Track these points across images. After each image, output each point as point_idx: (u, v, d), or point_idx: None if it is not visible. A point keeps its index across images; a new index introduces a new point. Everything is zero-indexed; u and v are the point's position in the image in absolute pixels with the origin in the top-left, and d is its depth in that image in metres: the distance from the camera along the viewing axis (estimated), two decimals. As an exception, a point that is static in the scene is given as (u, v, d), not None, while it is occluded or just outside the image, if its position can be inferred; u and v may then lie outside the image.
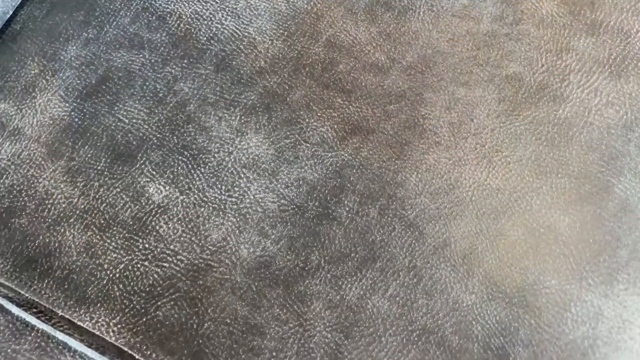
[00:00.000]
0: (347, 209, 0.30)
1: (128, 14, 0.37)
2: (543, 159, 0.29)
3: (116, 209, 0.33)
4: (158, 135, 0.33)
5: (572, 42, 0.31)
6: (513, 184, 0.29)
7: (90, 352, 0.31)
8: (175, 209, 0.32)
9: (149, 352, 0.30)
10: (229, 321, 0.30)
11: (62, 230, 0.33)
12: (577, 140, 0.30)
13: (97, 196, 0.33)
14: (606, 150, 0.29)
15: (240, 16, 0.35)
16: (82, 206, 0.33)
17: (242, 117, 0.33)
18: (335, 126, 0.32)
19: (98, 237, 0.32)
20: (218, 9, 0.36)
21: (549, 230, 0.28)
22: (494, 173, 0.30)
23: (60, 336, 0.31)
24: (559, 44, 0.31)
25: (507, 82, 0.31)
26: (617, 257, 0.27)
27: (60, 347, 0.31)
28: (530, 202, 0.29)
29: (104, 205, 0.33)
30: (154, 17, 0.36)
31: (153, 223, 0.32)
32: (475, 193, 0.29)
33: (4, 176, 0.34)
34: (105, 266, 0.32)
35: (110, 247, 0.32)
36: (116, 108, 0.35)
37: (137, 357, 0.31)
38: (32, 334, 0.31)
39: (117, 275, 0.31)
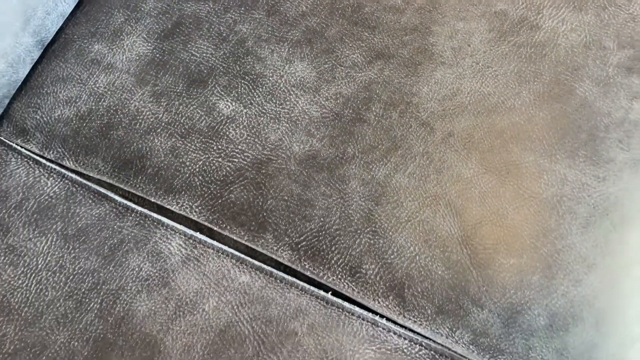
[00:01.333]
0: (374, 114, 0.40)
1: (194, -26, 0.46)
2: (523, 72, 0.39)
3: (193, 120, 0.42)
4: (224, 65, 0.43)
5: (546, -13, 0.41)
6: (501, 90, 0.39)
7: (178, 226, 0.40)
8: (240, 119, 0.41)
9: (224, 225, 0.40)
10: (286, 198, 0.39)
11: (152, 138, 0.42)
12: (548, 57, 0.39)
13: (177, 112, 0.42)
14: (570, 64, 0.38)
15: (285, -27, 0.45)
16: (166, 120, 0.42)
17: (290, 49, 0.42)
18: (364, 53, 0.41)
19: (180, 142, 0.42)
20: (266, -32, 0.45)
21: (528, 121, 0.38)
22: (486, 83, 0.39)
23: (155, 215, 0.40)
24: (535, -12, 0.41)
25: (496, 16, 0.41)
26: (578, 139, 0.37)
27: (155, 223, 0.40)
28: (513, 102, 0.38)
29: (183, 118, 0.42)
30: (215, -24, 0.46)
31: (224, 130, 0.41)
32: (472, 98, 0.39)
33: (102, 99, 0.43)
34: (187, 163, 0.41)
35: (191, 149, 0.41)
36: (189, 46, 0.44)
37: (215, 229, 0.40)
38: (132, 215, 0.40)
39: (197, 169, 0.41)
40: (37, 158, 0.43)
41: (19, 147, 0.44)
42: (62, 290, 0.37)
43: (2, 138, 0.44)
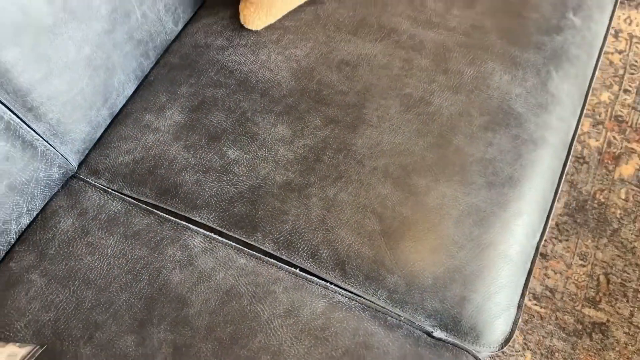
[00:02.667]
0: (328, 156, 0.62)
1: (213, 69, 0.70)
2: (420, 130, 0.61)
3: (211, 162, 0.64)
4: (232, 128, 0.65)
5: None
6: (406, 141, 0.61)
7: (199, 229, 0.60)
8: (242, 161, 0.63)
9: (230, 228, 0.60)
10: (270, 210, 0.60)
11: (183, 174, 0.64)
12: (436, 121, 0.62)
13: (200, 157, 0.64)
14: (450, 125, 0.61)
15: (273, 70, 0.69)
16: (193, 162, 0.64)
17: (275, 117, 0.65)
18: (322, 120, 0.64)
19: (202, 176, 0.63)
20: (260, 67, 0.69)
21: (422, 160, 0.60)
22: (397, 137, 0.61)
23: (184, 223, 0.61)
24: None
25: (404, 96, 0.64)
26: (453, 170, 0.59)
27: (184, 227, 0.60)
28: (414, 149, 0.60)
29: (204, 161, 0.64)
30: (227, 72, 0.70)
31: (231, 168, 0.63)
32: (388, 146, 0.61)
33: (151, 150, 0.66)
34: (206, 190, 0.62)
35: (209, 181, 0.63)
36: (209, 115, 0.67)
37: (223, 231, 0.60)
38: (169, 223, 0.61)
39: (213, 194, 0.62)
40: (106, 188, 0.64)
41: (92, 182, 0.65)
42: (124, 268, 0.57)
43: (82, 177, 0.66)
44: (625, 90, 1.21)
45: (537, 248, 0.60)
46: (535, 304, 0.99)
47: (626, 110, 1.18)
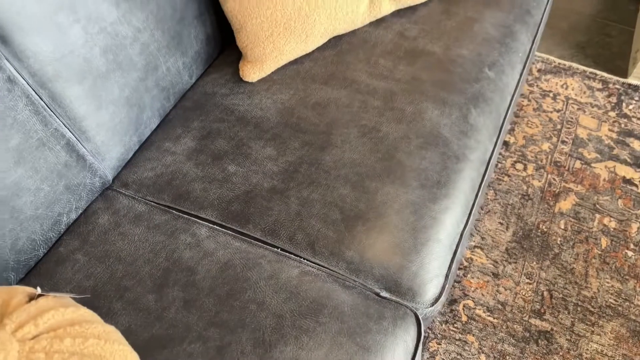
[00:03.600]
0: (303, 169, 0.82)
1: (217, 110, 0.92)
2: (373, 150, 0.82)
3: (215, 175, 0.84)
4: (232, 150, 0.86)
5: (386, 114, 0.87)
6: (360, 158, 0.82)
7: (205, 223, 0.79)
8: (238, 173, 0.83)
9: (228, 222, 0.79)
10: (259, 207, 0.79)
11: (193, 184, 0.83)
12: (384, 144, 0.83)
13: (207, 172, 0.84)
14: (393, 146, 0.82)
15: (263, 110, 0.91)
16: (201, 175, 0.84)
17: (264, 142, 0.86)
18: (299, 143, 0.85)
19: (208, 185, 0.83)
20: (253, 107, 0.91)
21: (372, 170, 0.80)
22: (355, 155, 0.82)
23: (193, 218, 0.80)
24: (381, 115, 0.87)
25: (361, 126, 0.85)
26: (398, 178, 0.79)
27: (193, 221, 0.79)
28: (368, 163, 0.81)
29: (210, 175, 0.84)
30: (228, 111, 0.92)
31: (230, 178, 0.83)
32: (349, 161, 0.81)
33: (169, 167, 0.86)
34: (211, 195, 0.82)
35: (213, 188, 0.82)
36: (214, 142, 0.88)
37: (223, 224, 0.79)
38: (181, 218, 0.80)
39: (216, 197, 0.81)
40: (133, 196, 0.84)
41: (123, 192, 0.85)
42: (147, 249, 0.76)
43: (115, 188, 0.85)
44: (563, 141, 1.44)
45: (461, 234, 0.78)
46: (489, 315, 1.15)
47: (564, 157, 1.41)
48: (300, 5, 0.89)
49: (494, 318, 1.15)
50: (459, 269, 1.21)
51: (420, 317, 0.70)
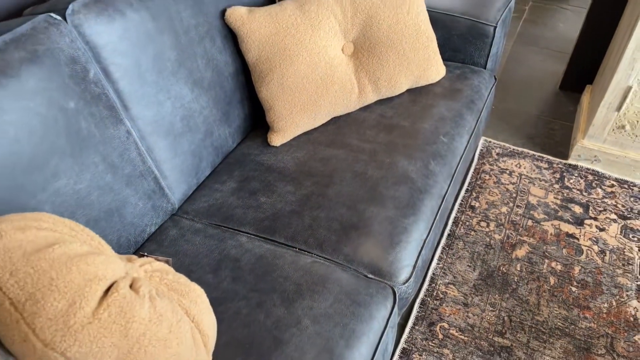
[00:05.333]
0: (314, 198, 1.17)
1: (252, 164, 1.29)
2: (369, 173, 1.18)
3: (250, 205, 1.18)
4: (262, 188, 1.22)
5: (371, 164, 1.24)
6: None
7: (244, 234, 1.12)
8: (268, 202, 1.18)
9: (260, 232, 1.12)
10: (283, 222, 1.13)
11: (236, 209, 1.17)
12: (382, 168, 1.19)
13: (244, 202, 1.19)
14: (392, 173, 1.18)
15: (285, 163, 1.28)
16: (240, 204, 1.18)
17: (285, 182, 1.22)
18: (314, 184, 1.21)
19: (245, 210, 1.17)
20: (277, 162, 1.29)
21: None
22: (356, 184, 1.18)
23: (236, 231, 1.13)
24: (368, 165, 1.24)
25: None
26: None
27: (235, 233, 1.13)
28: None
29: (247, 204, 1.18)
30: (259, 165, 1.29)
31: (261, 206, 1.17)
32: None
33: (216, 200, 1.21)
34: (248, 216, 1.16)
35: (249, 212, 1.17)
36: (250, 184, 1.24)
37: (257, 234, 1.12)
38: (228, 232, 1.13)
39: (251, 218, 1.15)
40: (192, 219, 1.18)
41: (184, 217, 1.19)
42: (205, 250, 1.08)
43: (179, 214, 1.20)
44: (517, 206, 1.80)
45: (425, 240, 1.11)
46: (461, 334, 1.42)
47: (518, 218, 1.76)
48: (311, 94, 1.31)
49: (464, 336, 1.41)
50: (435, 299, 1.50)
51: (395, 290, 1.01)
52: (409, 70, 1.40)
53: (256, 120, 1.44)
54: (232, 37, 1.29)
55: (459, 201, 1.80)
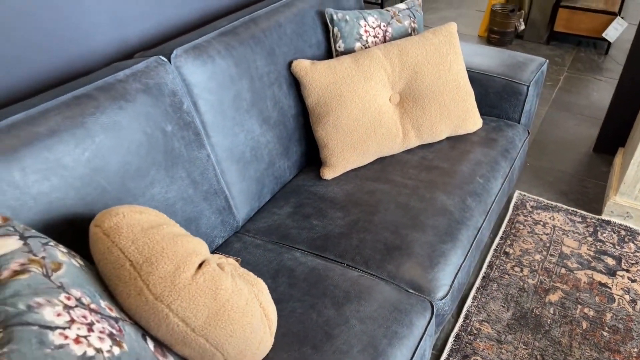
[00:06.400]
0: (361, 222, 1.32)
1: (306, 194, 1.46)
2: (415, 201, 1.32)
3: (305, 226, 1.34)
4: (314, 213, 1.37)
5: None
6: (412, 204, 1.31)
7: (299, 250, 1.27)
8: (319, 225, 1.33)
9: (311, 250, 1.27)
10: (333, 242, 1.27)
11: (291, 230, 1.33)
12: (426, 196, 1.33)
13: (300, 224, 1.34)
14: (433, 206, 1.32)
15: (335, 194, 1.44)
16: (295, 225, 1.34)
17: (335, 210, 1.38)
18: (361, 212, 1.36)
19: (299, 231, 1.32)
20: (328, 192, 1.45)
21: (424, 213, 1.29)
22: (399, 211, 1.32)
23: (291, 247, 1.28)
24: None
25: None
26: (437, 223, 1.27)
27: (291, 249, 1.28)
28: (414, 206, 1.30)
29: (302, 226, 1.34)
30: (312, 194, 1.45)
31: (314, 227, 1.33)
32: (393, 216, 1.31)
33: (276, 221, 1.37)
34: (302, 237, 1.31)
35: (303, 233, 1.32)
36: (304, 209, 1.40)
37: (309, 250, 1.27)
38: (283, 247, 1.28)
39: (304, 237, 1.31)
40: (253, 236, 1.34)
41: (246, 235, 1.35)
42: (264, 260, 1.23)
43: (241, 232, 1.36)
44: (551, 254, 1.88)
45: (460, 265, 1.23)
46: (494, 368, 1.48)
47: (552, 265, 1.83)
48: (361, 135, 1.49)
49: (497, 370, 1.48)
50: (470, 334, 1.58)
51: (433, 305, 1.12)
52: (449, 120, 1.57)
53: (310, 158, 1.62)
54: (295, 85, 1.50)
55: (493, 247, 1.90)
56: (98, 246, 0.80)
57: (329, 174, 1.51)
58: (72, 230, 0.93)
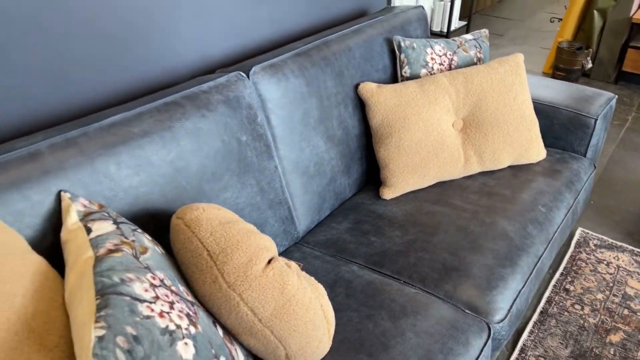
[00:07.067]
0: (421, 242, 1.33)
1: (365, 211, 1.50)
2: (476, 225, 1.33)
3: (368, 243, 1.37)
4: (373, 229, 1.41)
5: (472, 222, 1.40)
6: (471, 227, 1.32)
7: (357, 264, 1.30)
8: (378, 242, 1.36)
9: (373, 265, 1.30)
10: (392, 259, 1.30)
11: (350, 244, 1.37)
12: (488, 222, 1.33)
13: (360, 239, 1.38)
14: (492, 230, 1.33)
15: (394, 213, 1.47)
16: (353, 240, 1.38)
17: (394, 228, 1.40)
18: (419, 232, 1.38)
19: (356, 245, 1.36)
20: (387, 211, 1.48)
21: (485, 235, 1.30)
22: (459, 234, 1.33)
23: (349, 260, 1.31)
24: (469, 222, 1.40)
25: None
26: (498, 246, 1.28)
27: (349, 261, 1.31)
28: (479, 231, 1.31)
29: (364, 241, 1.37)
30: (371, 212, 1.49)
31: (376, 242, 1.36)
32: (454, 237, 1.32)
33: (334, 235, 1.41)
34: (360, 251, 1.34)
35: (362, 248, 1.35)
36: (362, 226, 1.43)
37: (369, 266, 1.29)
38: (341, 260, 1.32)
39: (363, 252, 1.34)
40: (312, 248, 1.38)
41: (305, 246, 1.40)
42: (325, 271, 1.27)
43: (301, 243, 1.41)
44: (614, 295, 1.81)
45: (519, 291, 1.22)
46: (549, 405, 1.43)
47: (614, 306, 1.76)
48: (422, 158, 1.52)
49: (553, 408, 1.42)
50: (525, 368, 1.53)
51: (490, 327, 1.12)
52: (512, 148, 1.58)
53: (370, 177, 1.66)
54: (360, 106, 1.56)
55: (552, 282, 1.85)
56: (179, 236, 0.87)
57: (388, 194, 1.54)
58: (154, 223, 1.01)
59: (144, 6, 1.21)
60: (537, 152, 1.62)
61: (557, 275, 1.89)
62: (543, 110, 1.75)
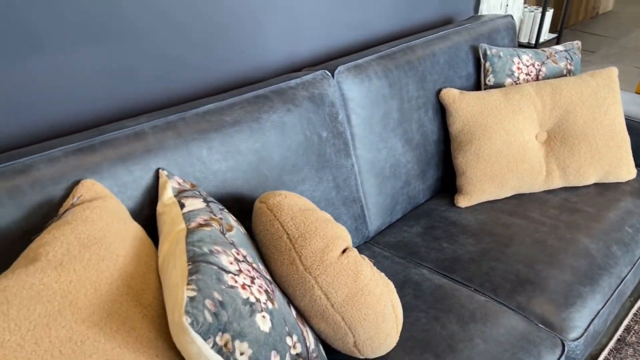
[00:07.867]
0: (485, 255, 1.31)
1: (437, 217, 1.49)
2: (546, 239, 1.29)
3: (435, 248, 1.36)
4: (445, 236, 1.40)
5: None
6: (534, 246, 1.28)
7: (426, 267, 1.30)
8: (448, 249, 1.35)
9: (438, 269, 1.29)
10: (461, 266, 1.28)
11: (420, 248, 1.37)
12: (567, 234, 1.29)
13: (428, 244, 1.38)
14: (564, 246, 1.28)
15: (468, 220, 1.45)
16: (425, 244, 1.37)
17: (467, 236, 1.38)
18: (493, 242, 1.36)
19: (426, 249, 1.35)
20: (461, 218, 1.46)
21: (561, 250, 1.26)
22: (535, 246, 1.29)
23: (418, 263, 1.31)
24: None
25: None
26: (581, 265, 1.23)
27: (417, 264, 1.31)
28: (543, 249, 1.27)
29: (432, 245, 1.37)
30: (444, 219, 1.48)
31: (442, 248, 1.35)
32: (528, 249, 1.29)
33: (405, 238, 1.42)
34: (426, 258, 1.34)
35: (432, 254, 1.35)
36: (434, 232, 1.43)
37: (437, 270, 1.29)
38: (408, 260, 1.32)
39: (430, 257, 1.33)
40: (382, 248, 1.39)
41: (375, 245, 1.41)
42: (391, 271, 1.28)
43: (371, 242, 1.43)
44: None
45: (598, 311, 1.16)
46: None
47: None
48: (502, 167, 1.49)
49: None
50: (598, 397, 1.45)
51: (565, 344, 1.07)
52: (599, 165, 1.51)
53: (445, 184, 1.65)
54: (441, 111, 1.56)
55: (633, 310, 1.74)
56: (261, 219, 0.92)
57: (463, 201, 1.52)
58: (237, 207, 1.07)
59: (244, 6, 1.29)
60: (627, 170, 1.54)
61: (639, 303, 1.77)
62: (635, 128, 1.66)
